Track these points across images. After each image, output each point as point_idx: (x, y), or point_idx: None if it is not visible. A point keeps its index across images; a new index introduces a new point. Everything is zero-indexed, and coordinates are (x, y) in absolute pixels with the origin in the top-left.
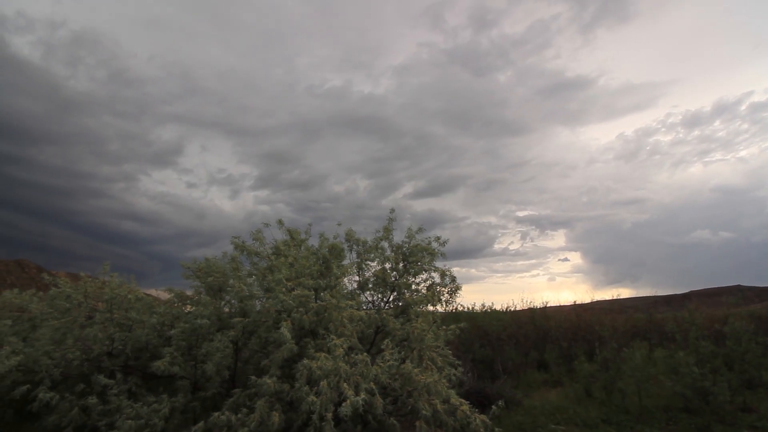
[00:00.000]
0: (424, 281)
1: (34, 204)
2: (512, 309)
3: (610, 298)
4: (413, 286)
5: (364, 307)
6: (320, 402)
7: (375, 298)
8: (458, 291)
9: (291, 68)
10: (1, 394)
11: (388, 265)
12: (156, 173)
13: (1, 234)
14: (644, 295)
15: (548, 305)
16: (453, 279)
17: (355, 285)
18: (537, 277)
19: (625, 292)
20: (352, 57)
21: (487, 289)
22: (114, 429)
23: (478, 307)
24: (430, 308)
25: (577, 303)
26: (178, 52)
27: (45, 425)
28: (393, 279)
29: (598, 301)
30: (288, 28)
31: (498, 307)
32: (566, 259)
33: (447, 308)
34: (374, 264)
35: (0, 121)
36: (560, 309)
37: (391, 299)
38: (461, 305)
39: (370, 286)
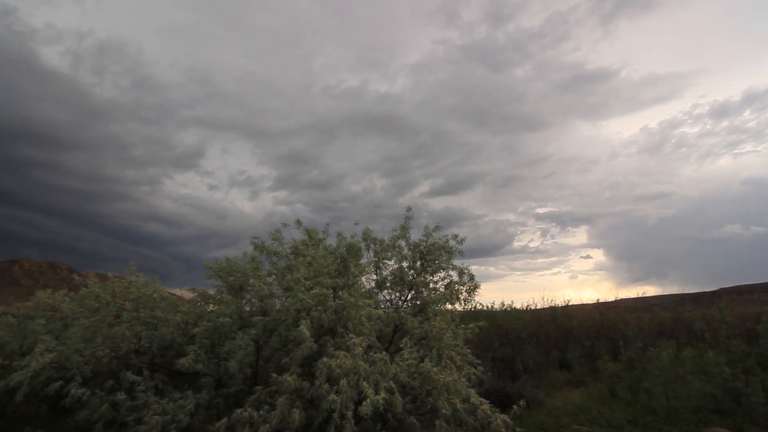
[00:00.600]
0: (442, 280)
1: (65, 208)
2: (533, 307)
3: (635, 296)
4: (431, 285)
5: (382, 306)
6: (341, 400)
7: (393, 296)
8: (477, 289)
9: (307, 69)
10: (36, 390)
11: (405, 264)
12: (179, 176)
13: (34, 237)
14: (671, 293)
15: (570, 303)
16: (471, 277)
17: (372, 284)
18: (558, 274)
19: (650, 290)
20: (367, 56)
21: (507, 288)
22: (142, 424)
23: (497, 306)
24: (449, 307)
25: (600, 301)
26: (198, 57)
27: (77, 420)
28: (411, 277)
29: (622, 300)
30: (304, 30)
31: (518, 305)
32: (588, 257)
33: (465, 307)
34: (392, 263)
35: (32, 129)
36: (582, 307)
37: (409, 298)
38: (480, 304)
39: (388, 284)
